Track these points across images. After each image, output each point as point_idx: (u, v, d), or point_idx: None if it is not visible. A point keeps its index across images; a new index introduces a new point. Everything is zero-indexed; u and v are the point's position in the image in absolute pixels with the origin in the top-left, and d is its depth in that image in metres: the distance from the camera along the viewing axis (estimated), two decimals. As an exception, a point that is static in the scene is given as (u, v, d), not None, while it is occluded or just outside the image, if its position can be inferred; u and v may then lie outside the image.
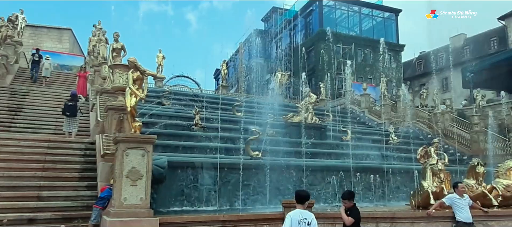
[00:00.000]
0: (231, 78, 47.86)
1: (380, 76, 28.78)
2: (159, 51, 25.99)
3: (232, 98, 23.24)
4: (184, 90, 23.39)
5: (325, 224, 7.19)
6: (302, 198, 5.39)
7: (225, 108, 19.67)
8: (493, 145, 18.92)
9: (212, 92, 29.77)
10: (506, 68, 30.19)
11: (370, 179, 12.66)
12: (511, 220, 8.38)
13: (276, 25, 47.81)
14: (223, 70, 28.58)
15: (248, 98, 25.01)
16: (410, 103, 25.58)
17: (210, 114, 17.59)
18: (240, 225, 7.22)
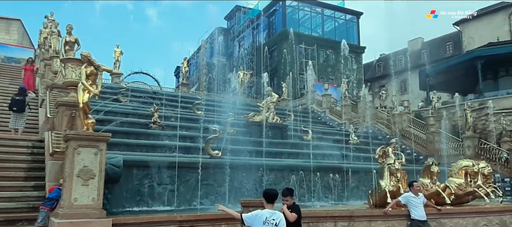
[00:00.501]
0: (192, 77, 47.37)
1: (341, 77, 29.50)
2: (116, 46, 25.27)
3: (193, 97, 22.98)
4: (142, 87, 22.89)
5: (284, 223, 7.24)
6: (270, 197, 5.37)
7: (185, 107, 19.41)
8: (447, 145, 19.89)
9: (172, 90, 29.31)
10: (460, 72, 31.88)
11: (330, 178, 12.91)
12: (462, 218, 8.81)
13: (239, 24, 47.86)
14: (183, 68, 28.23)
15: (209, 96, 24.85)
16: (370, 104, 26.41)
17: (170, 112, 17.30)
18: (197, 225, 7.12)
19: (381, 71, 54.11)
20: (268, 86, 20.60)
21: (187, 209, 9.92)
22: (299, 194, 12.30)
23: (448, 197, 9.96)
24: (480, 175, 10.61)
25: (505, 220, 9.12)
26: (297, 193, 12.04)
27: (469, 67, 30.14)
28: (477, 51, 32.27)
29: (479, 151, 19.25)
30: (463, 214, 8.89)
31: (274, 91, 19.71)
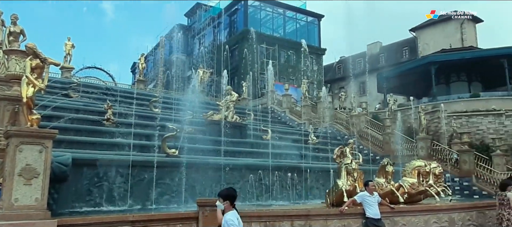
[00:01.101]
0: (149, 73, 46.38)
1: (302, 78, 29.92)
2: (67, 39, 24.19)
3: (150, 94, 22.51)
4: (95, 83, 22.10)
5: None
6: (235, 198, 5.30)
7: (142, 104, 18.97)
8: (402, 146, 20.66)
9: (128, 86, 28.55)
10: (415, 76, 33.26)
11: (288, 177, 13.03)
12: (414, 216, 9.16)
13: (200, 22, 47.39)
14: (141, 64, 27.55)
15: (167, 94, 24.40)
16: (330, 105, 26.96)
17: (125, 109, 16.81)
18: (151, 225, 6.92)
19: (341, 73, 55.46)
20: (228, 85, 20.52)
21: (141, 209, 9.66)
22: (257, 193, 12.33)
23: (402, 196, 10.33)
24: (432, 175, 11.08)
25: (454, 217, 9.58)
26: (255, 192, 12.07)
27: (424, 72, 31.52)
28: (431, 57, 33.86)
29: (432, 152, 20.12)
30: (415, 212, 9.24)
31: (234, 91, 19.67)
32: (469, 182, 18.18)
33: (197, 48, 45.39)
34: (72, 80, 20.34)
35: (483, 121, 25.98)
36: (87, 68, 23.47)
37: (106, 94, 18.70)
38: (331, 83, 55.37)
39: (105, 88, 20.94)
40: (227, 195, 5.37)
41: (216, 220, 6.89)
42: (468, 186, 18.08)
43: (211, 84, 33.51)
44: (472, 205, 11.00)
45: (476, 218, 10.16)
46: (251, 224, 7.27)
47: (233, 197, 5.37)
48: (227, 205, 5.31)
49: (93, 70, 23.55)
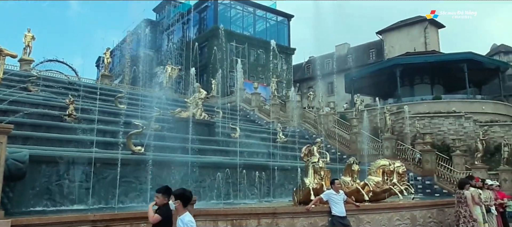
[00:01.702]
0: (115, 68, 45.23)
1: (271, 77, 30.02)
2: (27, 31, 23.12)
3: (115, 90, 21.90)
4: (57, 77, 21.28)
5: (207, 222, 7.10)
6: (189, 199, 5.18)
7: (107, 100, 18.44)
8: (368, 145, 21.09)
9: (92, 81, 27.71)
10: (381, 77, 34.14)
11: (256, 176, 13.01)
12: (378, 213, 9.35)
13: (168, 17, 46.67)
14: (106, 58, 26.79)
15: (134, 90, 23.85)
16: (298, 104, 27.18)
17: (88, 105, 16.28)
18: (113, 225, 6.69)
19: (310, 73, 56.12)
20: (197, 83, 20.30)
21: (104, 208, 9.35)
22: (225, 192, 12.24)
23: (367, 194, 10.53)
24: (396, 174, 11.36)
25: (415, 214, 9.86)
26: (223, 190, 11.97)
27: (390, 74, 32.41)
28: (397, 59, 34.87)
29: (396, 152, 20.65)
30: (379, 210, 9.43)
31: (203, 88, 19.47)
32: (431, 181, 18.78)
33: (166, 44, 44.64)
34: (31, 74, 19.50)
35: (445, 122, 27.02)
36: (48, 61, 22.55)
37: (68, 89, 18.04)
38: (300, 82, 55.93)
39: (67, 83, 20.20)
40: (180, 194, 5.25)
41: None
42: (430, 185, 18.68)
43: (180, 81, 33.11)
44: (432, 203, 11.36)
45: (436, 216, 10.50)
46: (218, 222, 7.19)
47: (187, 198, 5.24)
48: (178, 205, 5.17)
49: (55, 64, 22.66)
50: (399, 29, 49.27)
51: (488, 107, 29.62)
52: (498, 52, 51.92)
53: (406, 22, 49.51)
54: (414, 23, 48.54)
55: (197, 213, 6.99)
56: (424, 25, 47.62)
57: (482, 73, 32.86)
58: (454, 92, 33.59)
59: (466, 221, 9.19)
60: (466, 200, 9.41)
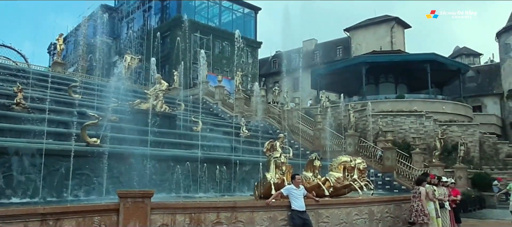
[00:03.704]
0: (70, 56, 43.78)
1: (236, 70, 30.11)
2: (-28, 12, 22.02)
3: (69, 78, 21.29)
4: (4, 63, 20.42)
5: (165, 215, 7.13)
6: None
7: (59, 89, 17.94)
8: (332, 141, 21.67)
9: (44, 69, 26.74)
10: (347, 75, 35.01)
11: (218, 170, 13.12)
12: (337, 208, 9.70)
13: (128, 4, 45.62)
14: (59, 45, 25.87)
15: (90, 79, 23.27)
16: (263, 99, 27.42)
17: (39, 93, 15.78)
18: (65, 218, 6.57)
19: (276, 67, 56.53)
20: (158, 73, 20.07)
21: (56, 202, 9.17)
22: (185, 185, 12.28)
23: (328, 189, 10.87)
24: (356, 170, 11.77)
25: (373, 210, 10.32)
26: (183, 184, 12.01)
27: (355, 72, 33.29)
28: (363, 57, 35.87)
29: (359, 148, 21.37)
30: (338, 205, 9.79)
31: (164, 79, 19.28)
32: (391, 177, 19.62)
33: (125, 32, 43.68)
34: (-25, 59, 18.65)
35: (406, 121, 28.15)
36: (-6, 46, 21.47)
37: (16, 76, 17.39)
38: (266, 77, 56.30)
39: (15, 70, 19.43)
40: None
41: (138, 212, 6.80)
42: (390, 181, 19.51)
43: (140, 72, 32.54)
44: (390, 199, 11.91)
45: (393, 211, 11.02)
46: (176, 215, 7.23)
47: None
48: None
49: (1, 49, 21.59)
50: (367, 27, 50.58)
51: (448, 107, 31.10)
52: (460, 55, 54.51)
53: (373, 20, 50.90)
54: (381, 22, 50.00)
55: (154, 206, 7.03)
56: (391, 25, 49.17)
57: (444, 74, 34.38)
58: (416, 92, 34.95)
59: (417, 215, 9.79)
60: (420, 195, 9.98)
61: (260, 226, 8.16)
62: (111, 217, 6.85)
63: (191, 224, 7.33)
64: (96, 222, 6.74)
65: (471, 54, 56.72)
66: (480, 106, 41.21)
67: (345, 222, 9.55)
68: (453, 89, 36.79)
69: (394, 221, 10.87)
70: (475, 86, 42.91)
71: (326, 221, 9.30)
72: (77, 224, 6.51)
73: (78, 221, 6.52)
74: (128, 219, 6.73)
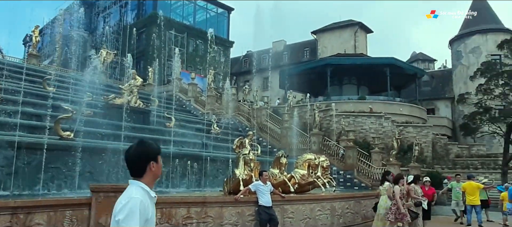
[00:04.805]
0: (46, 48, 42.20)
1: (208, 68, 29.88)
2: None
3: (44, 71, 20.53)
4: (-23, 54, 19.43)
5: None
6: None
7: (34, 81, 17.28)
8: (298, 140, 21.88)
9: (19, 60, 25.66)
10: (313, 76, 35.45)
11: (189, 165, 13.01)
12: (302, 204, 9.85)
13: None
14: (35, 37, 24.88)
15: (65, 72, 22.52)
16: (234, 97, 27.37)
17: (13, 85, 15.14)
18: (36, 212, 6.37)
19: (247, 67, 56.57)
20: (133, 69, 19.65)
21: (27, 195, 8.85)
22: (157, 180, 12.10)
23: (293, 186, 11.01)
24: (320, 167, 11.99)
25: (335, 206, 10.53)
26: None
27: (321, 73, 33.74)
28: (328, 59, 36.39)
29: (323, 147, 21.66)
30: (302, 201, 9.94)
31: (139, 75, 18.90)
32: (352, 175, 20.00)
33: (101, 27, 42.51)
34: None
35: (367, 121, 28.81)
36: (-32, 36, 20.39)
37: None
38: (237, 76, 56.24)
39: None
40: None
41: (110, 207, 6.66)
42: (351, 178, 19.89)
43: (115, 67, 31.80)
44: (350, 196, 12.20)
45: (353, 207, 11.29)
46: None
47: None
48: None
49: (-26, 39, 20.55)
50: (332, 31, 51.32)
51: (405, 109, 32.03)
52: (416, 60, 56.33)
53: (338, 24, 51.72)
54: (346, 26, 50.86)
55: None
56: (354, 29, 50.09)
57: (402, 78, 35.36)
58: (377, 94, 35.80)
59: (394, 213, 9.81)
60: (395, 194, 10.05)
61: (228, 221, 8.18)
62: (83, 211, 6.69)
63: (162, 218, 7.26)
64: (68, 216, 6.56)
65: (426, 59, 58.75)
66: (434, 109, 42.72)
67: (308, 217, 9.71)
68: (410, 92, 37.89)
69: (353, 216, 11.14)
70: (429, 90, 44.42)
71: (291, 216, 9.43)
72: (49, 218, 6.32)
73: (49, 215, 6.33)
74: (100, 214, 6.59)
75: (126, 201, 2.24)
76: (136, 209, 2.21)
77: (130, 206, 2.21)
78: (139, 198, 2.27)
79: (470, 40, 41.10)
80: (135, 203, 2.23)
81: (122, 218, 2.18)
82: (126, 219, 2.18)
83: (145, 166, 2.44)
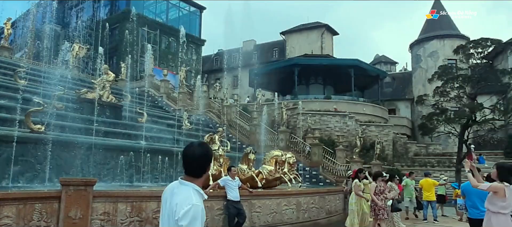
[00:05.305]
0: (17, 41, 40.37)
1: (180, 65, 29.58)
2: None
3: (15, 63, 19.74)
4: None
5: (107, 203, 6.93)
6: None
7: (5, 73, 16.61)
8: (266, 137, 22.07)
9: (-11, 53, 24.41)
10: (281, 75, 35.79)
11: (160, 160, 12.92)
12: (268, 199, 9.97)
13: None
14: (6, 29, 23.82)
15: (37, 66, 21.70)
16: (205, 94, 27.23)
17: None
18: (4, 205, 6.13)
19: (218, 65, 56.31)
20: (105, 64, 19.19)
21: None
22: (128, 175, 11.96)
23: (260, 181, 11.19)
24: (287, 164, 12.22)
25: (300, 201, 10.73)
26: (126, 173, 11.70)
27: (289, 72, 34.13)
28: (296, 59, 36.84)
29: (290, 144, 21.96)
30: (269, 196, 10.08)
31: (112, 71, 18.49)
32: (317, 171, 20.36)
33: (74, 22, 41.10)
34: None
35: (332, 120, 29.41)
36: None
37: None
38: (208, 73, 55.91)
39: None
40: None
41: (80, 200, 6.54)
42: (316, 175, 20.25)
43: (88, 62, 30.91)
44: (315, 191, 12.46)
45: (318, 202, 11.54)
46: (117, 204, 7.05)
47: None
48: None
49: None
50: (300, 32, 51.90)
51: (368, 109, 32.90)
52: (379, 62, 57.92)
53: (306, 26, 52.35)
54: (313, 27, 51.56)
55: (97, 195, 6.81)
56: (321, 31, 50.86)
57: (365, 79, 36.28)
58: (342, 94, 36.59)
59: (376, 209, 9.75)
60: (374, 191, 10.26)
61: (197, 214, 8.19)
62: (53, 205, 6.54)
63: (133, 212, 7.20)
64: (37, 209, 6.40)
65: (388, 62, 60.52)
66: (395, 109, 44.05)
67: (275, 212, 9.86)
68: (373, 93, 38.91)
69: (318, 211, 11.38)
70: (391, 91, 45.79)
71: (258, 211, 9.55)
72: (18, 211, 6.15)
73: (18, 208, 6.16)
74: (70, 207, 6.47)
75: (188, 207, 2.30)
76: (198, 216, 2.30)
77: (193, 212, 2.28)
78: (200, 205, 2.36)
79: (429, 45, 42.60)
80: (197, 210, 2.31)
81: (186, 224, 2.27)
82: (190, 225, 2.27)
83: (207, 167, 2.52)
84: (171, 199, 2.42)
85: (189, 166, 2.46)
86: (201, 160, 2.47)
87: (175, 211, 2.32)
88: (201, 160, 2.47)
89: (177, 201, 2.35)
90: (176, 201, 2.36)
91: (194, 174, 2.46)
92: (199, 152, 2.47)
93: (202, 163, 2.48)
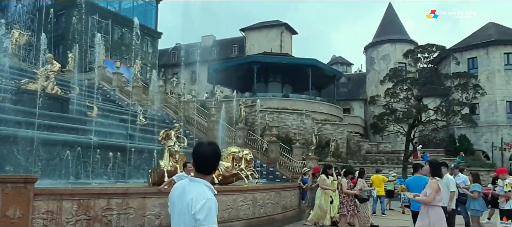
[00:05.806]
0: (-51, 25, 37.20)
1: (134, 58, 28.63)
2: None
3: None
4: None
5: (50, 201, 6.49)
6: None
7: None
8: (224, 133, 21.93)
9: None
10: (240, 72, 35.71)
11: (111, 156, 12.39)
12: (225, 195, 9.85)
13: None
14: None
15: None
16: (161, 89, 26.57)
17: None
18: None
19: (175, 59, 55.32)
20: (50, 53, 18.07)
21: None
22: (76, 171, 11.37)
23: (217, 177, 11.04)
24: (244, 160, 12.17)
25: (256, 196, 10.72)
26: (74, 170, 11.11)
27: (248, 69, 34.14)
28: (255, 57, 36.96)
29: (247, 141, 21.98)
30: (226, 192, 9.97)
31: (58, 61, 17.47)
32: (274, 168, 20.57)
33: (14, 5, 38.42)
34: None
35: (289, 118, 29.83)
36: None
37: None
38: (165, 68, 54.73)
39: None
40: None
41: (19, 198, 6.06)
42: (273, 171, 20.45)
43: (30, 50, 29.05)
44: (271, 187, 12.53)
45: (274, 198, 11.59)
46: (62, 202, 6.62)
47: None
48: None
49: None
50: (260, 29, 52.15)
51: (324, 108, 33.70)
52: (336, 63, 59.56)
53: (266, 24, 52.70)
54: (273, 26, 52.01)
55: (38, 192, 6.36)
56: (281, 29, 51.41)
57: (322, 79, 37.10)
58: (299, 92, 37.19)
59: (347, 205, 10.15)
60: (341, 187, 10.56)
61: (151, 212, 7.91)
62: (-11, 201, 6.03)
63: (79, 210, 6.80)
64: (-30, 208, 5.88)
65: (344, 63, 62.42)
66: (349, 109, 45.53)
67: (231, 207, 9.77)
68: (329, 92, 39.91)
69: (274, 207, 11.43)
70: (346, 91, 47.24)
71: (215, 207, 9.41)
72: None
73: None
74: (8, 206, 5.99)
75: (204, 201, 2.45)
76: (213, 208, 2.48)
77: (208, 205, 2.45)
78: (214, 198, 2.53)
79: (381, 48, 44.42)
80: (212, 203, 2.48)
81: (203, 217, 2.41)
82: (207, 217, 2.42)
83: (216, 165, 2.74)
84: (183, 197, 2.55)
85: (201, 164, 2.63)
86: (213, 159, 2.66)
87: (191, 205, 2.46)
88: (213, 159, 2.66)
89: (192, 197, 2.48)
90: (190, 197, 2.49)
91: (205, 172, 2.64)
92: (210, 151, 2.65)
93: (213, 162, 2.67)
